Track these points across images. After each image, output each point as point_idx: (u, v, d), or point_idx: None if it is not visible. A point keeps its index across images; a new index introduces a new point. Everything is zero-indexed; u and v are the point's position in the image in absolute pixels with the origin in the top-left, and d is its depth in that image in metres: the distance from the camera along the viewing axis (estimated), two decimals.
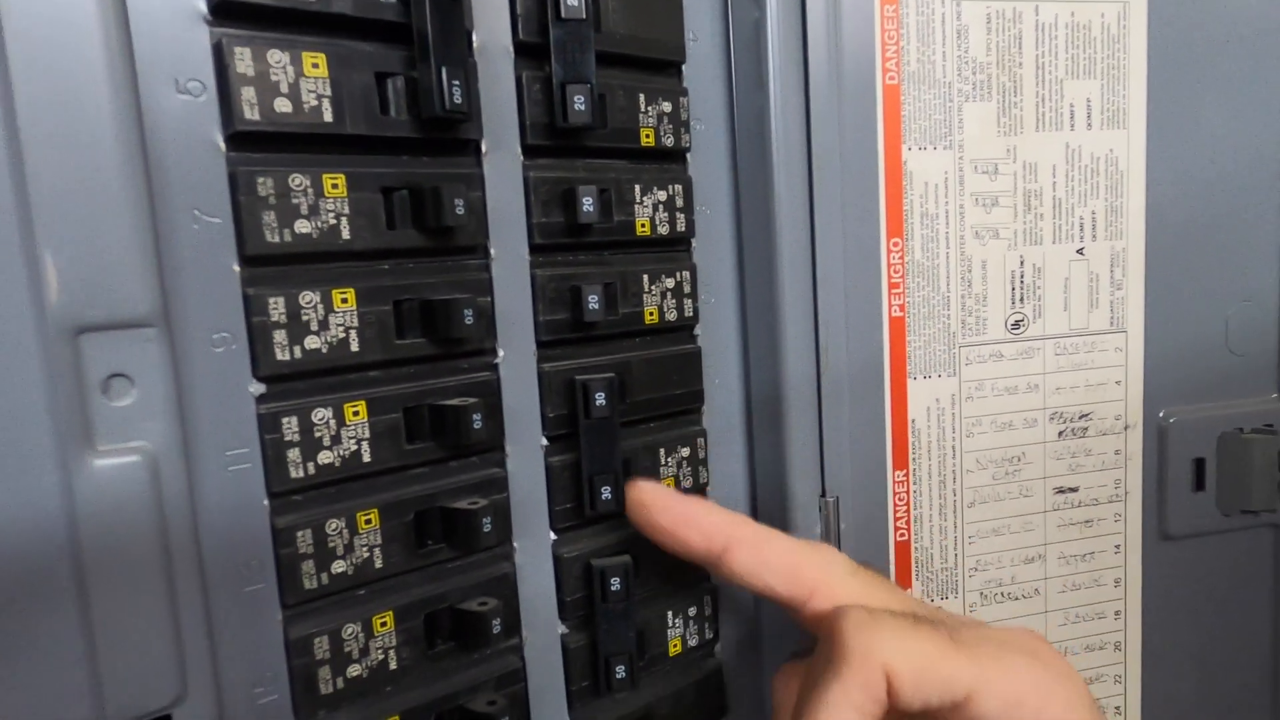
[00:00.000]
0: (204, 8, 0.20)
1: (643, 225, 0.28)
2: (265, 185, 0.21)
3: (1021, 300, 0.34)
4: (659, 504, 0.27)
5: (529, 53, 0.26)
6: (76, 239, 0.18)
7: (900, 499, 0.33)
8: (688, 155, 0.30)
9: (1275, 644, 0.37)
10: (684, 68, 0.30)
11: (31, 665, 0.18)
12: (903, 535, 0.33)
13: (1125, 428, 0.35)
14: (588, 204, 0.26)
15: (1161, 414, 0.35)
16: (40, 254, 0.17)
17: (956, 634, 0.23)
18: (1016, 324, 0.34)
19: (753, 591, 0.26)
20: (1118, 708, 0.37)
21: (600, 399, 0.27)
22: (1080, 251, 0.34)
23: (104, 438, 0.19)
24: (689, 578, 0.31)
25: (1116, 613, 0.36)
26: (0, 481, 0.17)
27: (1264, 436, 0.36)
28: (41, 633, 0.18)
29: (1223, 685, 0.37)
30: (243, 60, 0.21)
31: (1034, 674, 0.23)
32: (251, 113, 0.21)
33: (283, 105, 0.21)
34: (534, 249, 0.26)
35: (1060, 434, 0.35)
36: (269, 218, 0.21)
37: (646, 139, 0.28)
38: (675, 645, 0.30)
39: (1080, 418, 0.35)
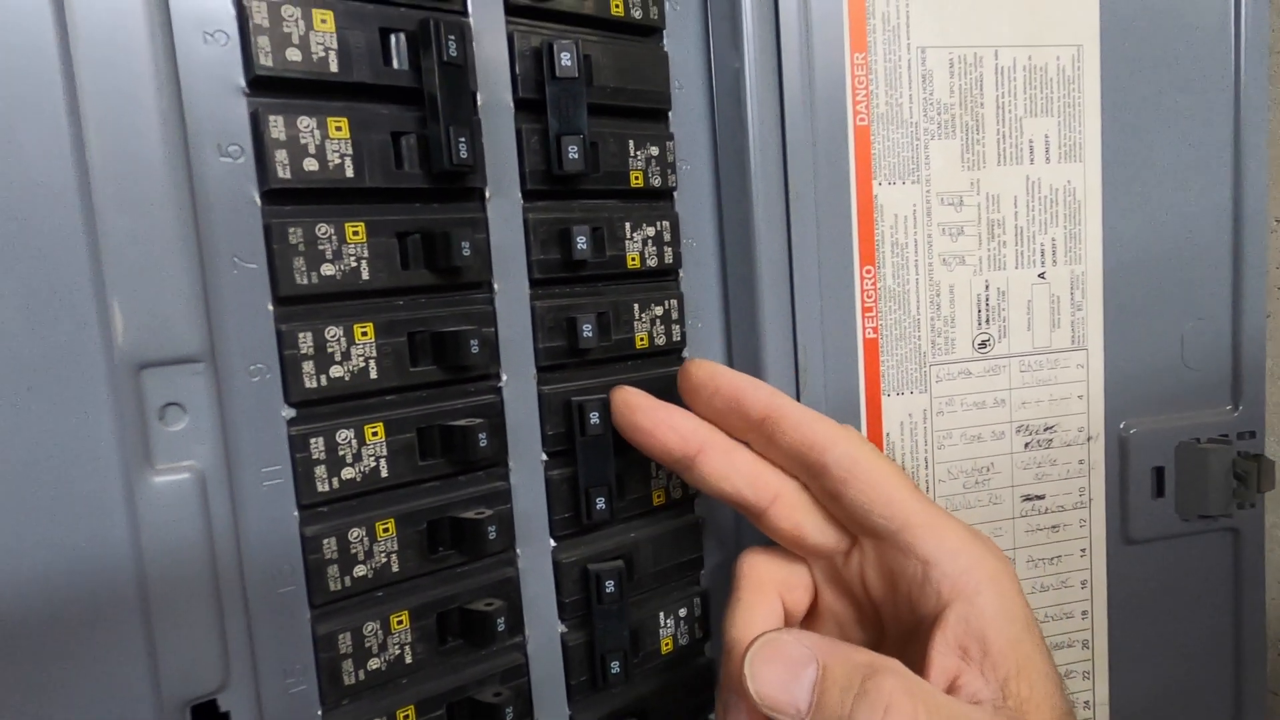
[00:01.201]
0: (242, 81, 0.23)
1: (633, 259, 0.31)
2: (295, 234, 0.24)
3: (987, 321, 0.36)
4: (641, 406, 0.28)
5: (528, 108, 0.29)
6: (139, 287, 0.21)
7: None
8: (674, 193, 0.33)
9: (1236, 639, 0.39)
10: (670, 114, 0.33)
11: (102, 656, 0.21)
12: None
13: (1088, 439, 0.38)
14: (582, 242, 0.29)
15: (1122, 425, 0.38)
16: (110, 301, 0.20)
17: (917, 488, 0.27)
18: (983, 344, 0.36)
19: (720, 497, 0.28)
20: (1086, 703, 0.39)
21: (595, 418, 0.29)
22: (1042, 275, 0.37)
23: (161, 459, 0.22)
24: (680, 581, 0.33)
25: (1084, 613, 0.38)
26: (77, 498, 0.20)
27: (1219, 446, 0.38)
28: (110, 627, 0.21)
29: (1187, 680, 0.39)
30: (276, 126, 0.24)
31: (974, 542, 0.26)
32: (284, 172, 0.24)
33: (310, 164, 0.24)
34: (533, 283, 0.29)
35: (1027, 445, 0.37)
36: (299, 263, 0.24)
37: (636, 180, 0.31)
38: (667, 644, 0.33)
39: (1045, 430, 0.37)
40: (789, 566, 0.29)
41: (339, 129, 0.25)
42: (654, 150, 0.32)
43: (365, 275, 0.25)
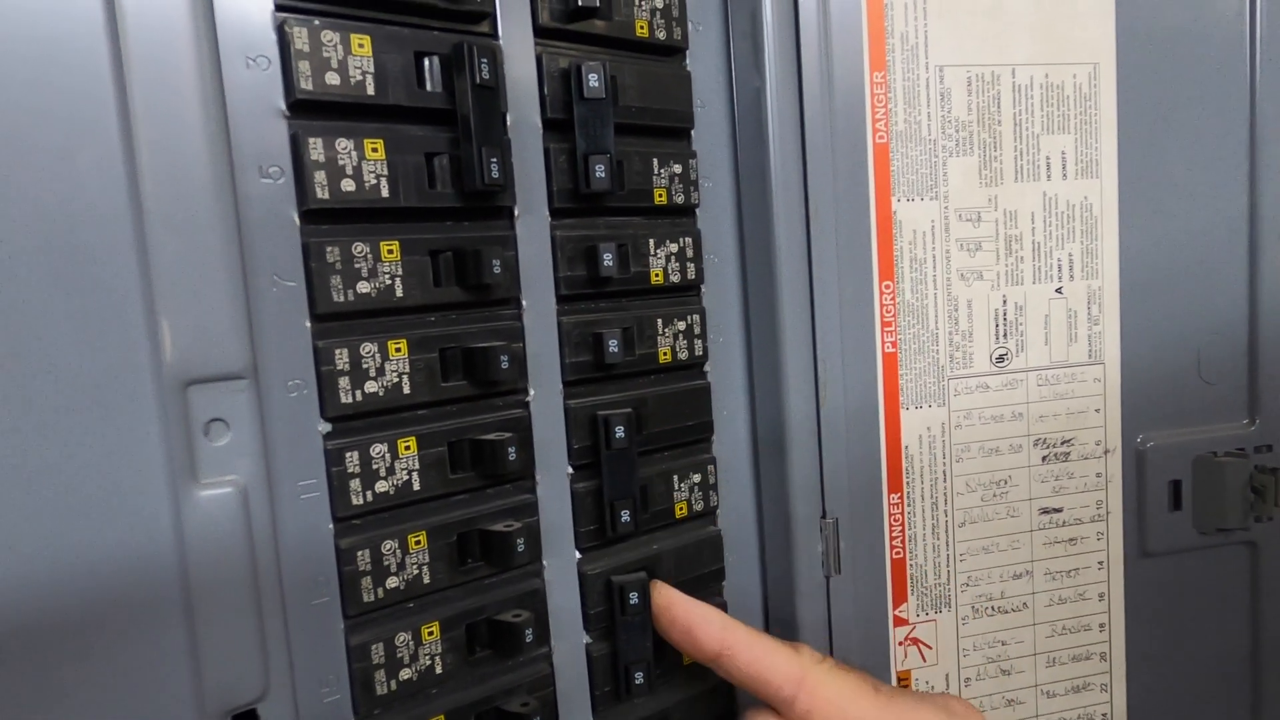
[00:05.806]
0: (283, 105, 0.24)
1: (657, 275, 0.32)
2: (333, 253, 0.25)
3: (1005, 336, 0.37)
4: (675, 601, 0.31)
5: (556, 128, 0.29)
6: (187, 306, 0.21)
7: (895, 520, 0.36)
8: (697, 210, 0.33)
9: (1254, 653, 0.40)
10: (693, 132, 0.33)
11: (147, 666, 0.21)
12: (898, 553, 0.36)
13: (1105, 452, 0.38)
14: (608, 259, 0.30)
15: (1139, 439, 0.38)
16: (159, 320, 0.21)
17: (881, 688, 0.30)
18: (1001, 358, 0.37)
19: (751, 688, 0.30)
20: (1104, 715, 0.39)
21: (620, 431, 0.30)
22: (1059, 290, 0.37)
23: (206, 473, 0.22)
24: (703, 592, 0.34)
25: (1101, 625, 0.39)
26: (125, 512, 0.21)
27: (1236, 459, 0.38)
28: (156, 638, 0.21)
29: (1204, 693, 0.40)
30: (315, 149, 0.24)
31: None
32: (322, 193, 0.24)
33: (348, 185, 0.25)
34: (560, 299, 0.30)
35: (1044, 458, 0.37)
36: (335, 280, 0.25)
37: (660, 198, 0.32)
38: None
39: (1062, 443, 0.38)
40: None
41: (375, 150, 0.25)
42: (677, 168, 0.32)
43: (399, 293, 0.26)
